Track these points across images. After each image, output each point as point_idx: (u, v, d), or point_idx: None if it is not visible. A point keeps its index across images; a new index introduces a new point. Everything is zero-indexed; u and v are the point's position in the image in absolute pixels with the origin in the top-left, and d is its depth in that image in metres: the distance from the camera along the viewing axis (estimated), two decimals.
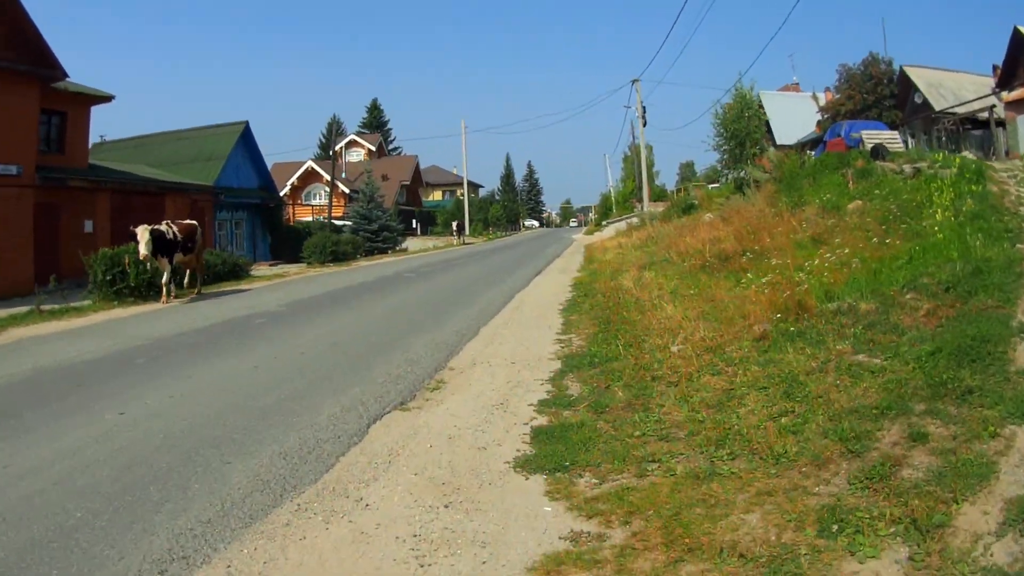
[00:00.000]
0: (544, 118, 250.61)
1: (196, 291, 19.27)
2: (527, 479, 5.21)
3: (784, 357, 6.62)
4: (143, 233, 16.29)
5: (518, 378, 8.09)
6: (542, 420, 6.47)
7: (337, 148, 66.12)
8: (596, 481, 5.04)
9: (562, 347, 9.63)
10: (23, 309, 15.69)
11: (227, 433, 6.57)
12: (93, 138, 31.45)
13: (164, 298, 17.32)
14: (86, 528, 4.61)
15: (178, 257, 17.88)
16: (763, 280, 9.28)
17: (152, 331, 12.78)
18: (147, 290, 18.39)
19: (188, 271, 19.35)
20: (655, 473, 5.01)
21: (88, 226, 24.15)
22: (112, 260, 17.85)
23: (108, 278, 17.55)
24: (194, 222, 19.38)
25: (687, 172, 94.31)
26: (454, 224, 60.89)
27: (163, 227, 17.43)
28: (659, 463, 5.16)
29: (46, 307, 15.66)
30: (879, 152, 20.31)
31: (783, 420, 5.39)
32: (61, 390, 8.41)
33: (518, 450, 5.75)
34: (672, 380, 6.80)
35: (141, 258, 16.46)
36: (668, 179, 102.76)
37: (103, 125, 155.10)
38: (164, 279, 17.41)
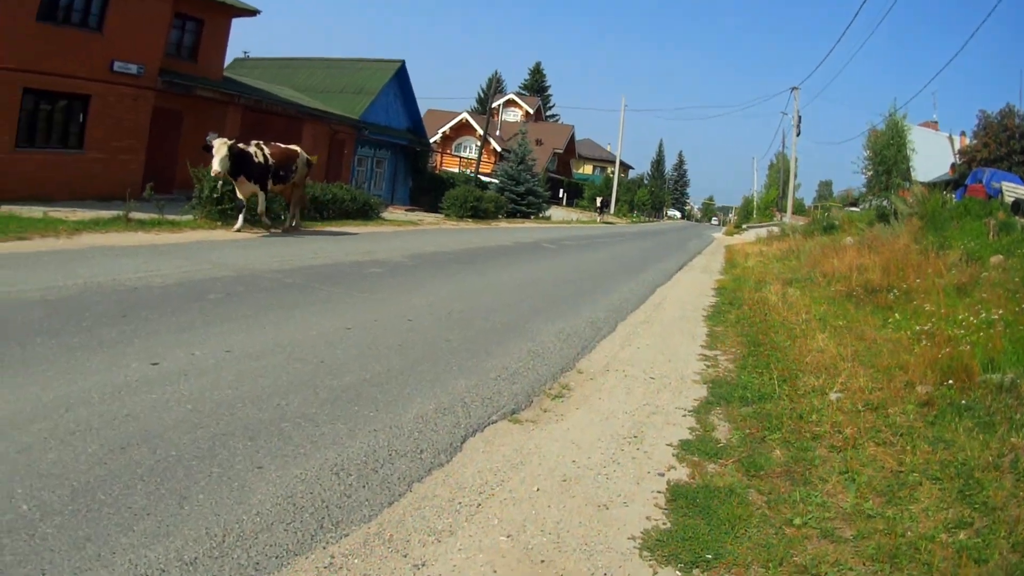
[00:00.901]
0: (701, 110, 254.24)
1: (287, 226, 18.63)
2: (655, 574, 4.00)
3: (955, 438, 6.17)
4: (220, 147, 15.59)
5: (656, 402, 7.24)
6: (682, 472, 5.44)
7: (494, 105, 70.10)
8: None
9: (708, 366, 8.91)
10: (111, 214, 15.54)
11: (276, 418, 5.38)
12: (236, 52, 32.27)
13: (237, 226, 16.70)
14: None
15: (268, 184, 17.15)
16: (916, 328, 9.30)
17: (242, 262, 12.27)
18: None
19: (293, 204, 18.76)
20: None
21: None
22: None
23: (215, 195, 17.17)
24: (295, 148, 18.57)
25: (824, 191, 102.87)
26: (598, 200, 63.76)
27: (251, 147, 16.71)
28: None
29: (137, 215, 15.44)
30: (1020, 207, 20.93)
31: (961, 536, 4.67)
32: (98, 318, 7.47)
33: (649, 517, 4.63)
34: (835, 443, 6.10)
35: (212, 175, 15.90)
36: (806, 194, 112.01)
37: (245, 40, 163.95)
38: (243, 204, 16.80)
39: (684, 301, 14.49)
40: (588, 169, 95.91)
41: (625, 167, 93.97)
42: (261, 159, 16.57)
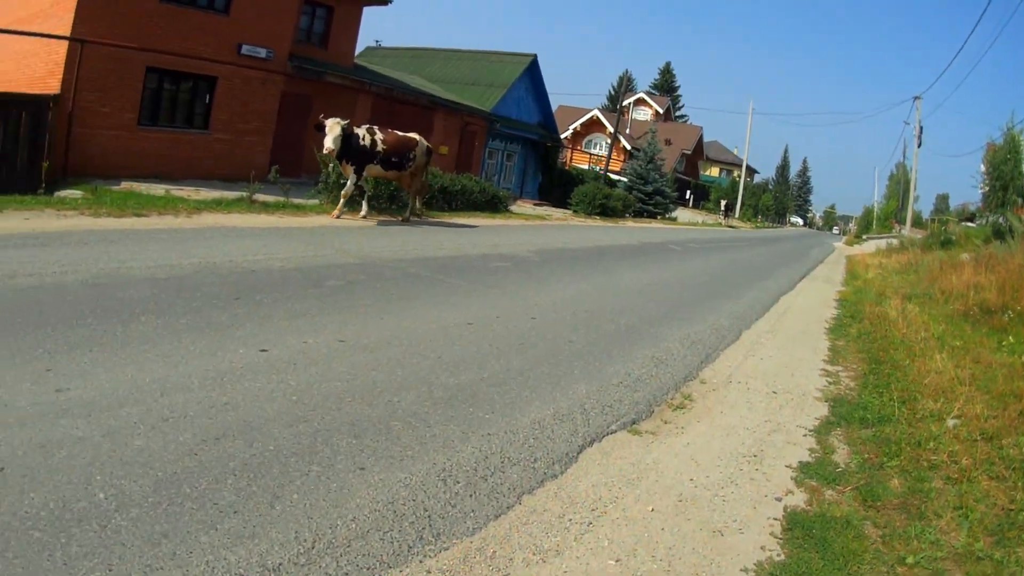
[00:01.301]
0: (825, 116, 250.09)
1: (407, 216, 18.53)
2: None
3: None
4: (333, 126, 15.48)
5: (778, 418, 7.14)
6: (800, 498, 5.31)
7: (624, 104, 71.73)
8: None
9: (829, 383, 8.82)
10: (235, 195, 15.88)
11: (385, 416, 5.17)
12: (367, 40, 32.94)
13: (336, 211, 16.55)
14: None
15: (375, 170, 17.04)
16: None
17: (364, 249, 12.30)
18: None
19: (411, 192, 18.67)
20: None
21: None
22: None
23: (342, 181, 17.19)
24: (414, 136, 18.36)
25: (941, 204, 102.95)
26: (723, 203, 64.95)
27: (362, 130, 16.61)
28: None
29: (261, 198, 15.72)
30: None
31: None
32: (209, 299, 7.44)
33: (763, 547, 4.47)
34: (951, 474, 5.97)
35: (325, 151, 15.75)
36: (924, 206, 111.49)
37: (377, 29, 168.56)
38: (345, 189, 16.66)
39: (807, 312, 14.60)
40: (715, 171, 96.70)
41: (751, 171, 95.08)
42: (367, 143, 16.48)
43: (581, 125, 71.60)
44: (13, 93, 16.35)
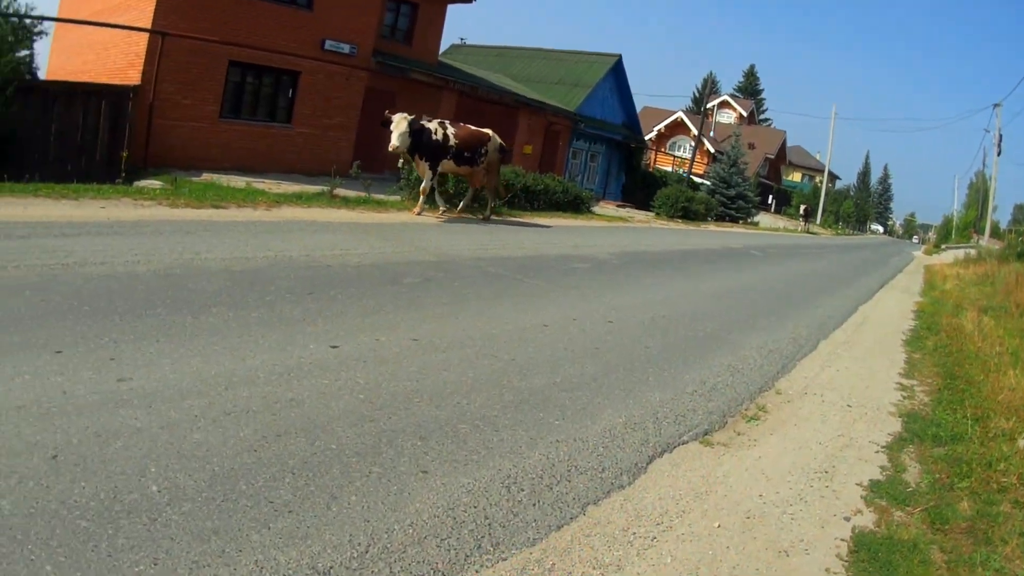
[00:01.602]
0: (905, 122, 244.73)
1: (485, 215, 18.42)
2: None
3: None
4: (400, 122, 15.30)
5: (851, 433, 7.07)
6: (868, 519, 5.20)
7: (708, 106, 71.27)
8: None
9: (904, 397, 8.79)
10: (316, 189, 16.06)
11: (453, 418, 5.11)
12: (452, 38, 33.46)
13: (417, 208, 16.49)
14: None
15: (447, 165, 16.82)
16: None
17: (443, 247, 12.29)
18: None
19: (478, 189, 18.48)
20: None
21: None
22: None
23: (412, 177, 17.27)
24: (487, 131, 18.05)
25: (1019, 215, 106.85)
26: (802, 208, 64.75)
27: (434, 124, 16.41)
28: None
29: (342, 192, 15.85)
30: None
31: None
32: (282, 293, 7.47)
33: (828, 570, 4.38)
34: (1019, 498, 5.92)
35: (390, 149, 15.57)
36: (1002, 216, 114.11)
37: (461, 27, 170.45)
38: (423, 185, 16.55)
39: (885, 322, 14.50)
40: (797, 176, 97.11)
41: (833, 177, 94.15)
42: (440, 137, 16.28)
43: (665, 127, 72.53)
44: (93, 83, 16.87)
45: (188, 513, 3.34)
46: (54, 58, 24.03)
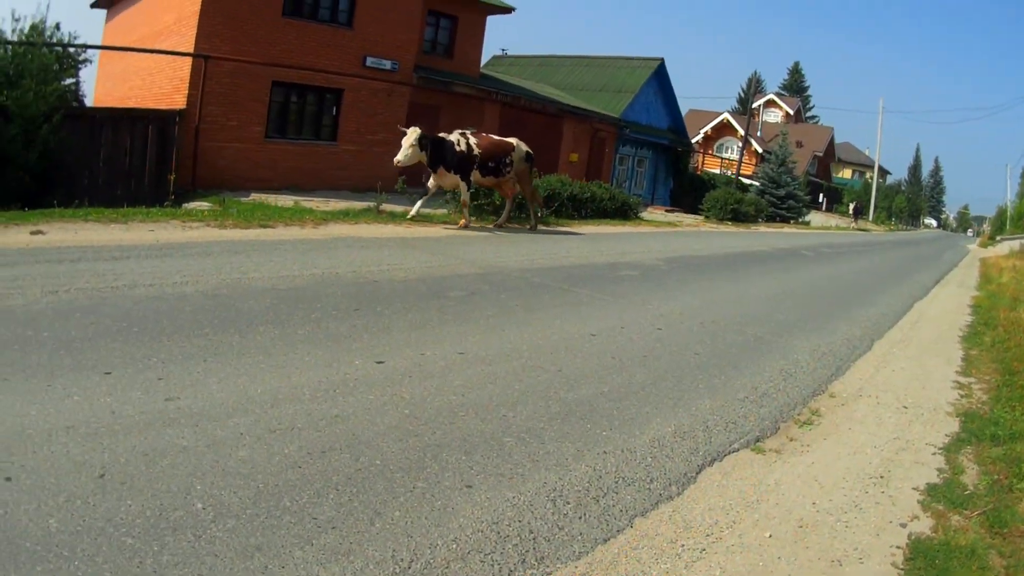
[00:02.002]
0: (953, 112, 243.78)
1: (531, 225, 18.35)
2: None
3: None
4: (410, 135, 15.18)
5: (907, 435, 6.90)
6: (924, 524, 5.06)
7: (754, 106, 72.85)
8: None
9: (961, 396, 8.58)
10: (362, 205, 16.27)
11: (499, 431, 5.11)
12: (493, 50, 33.70)
13: (463, 220, 16.51)
14: None
15: (474, 176, 16.66)
16: None
17: (489, 259, 12.36)
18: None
19: (515, 199, 18.36)
20: None
21: None
22: None
23: (470, 191, 17.20)
24: (511, 140, 17.78)
25: None
26: (852, 205, 65.12)
27: (455, 135, 16.34)
28: None
29: (388, 208, 16.02)
30: None
31: None
32: (328, 310, 7.54)
33: None
34: None
35: (395, 164, 15.30)
36: None
37: (503, 38, 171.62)
38: (463, 198, 16.57)
39: (940, 319, 14.37)
40: (847, 173, 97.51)
41: (883, 172, 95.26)
42: (464, 148, 16.18)
43: (711, 129, 72.89)
44: (139, 109, 17.28)
45: (232, 530, 3.39)
46: (100, 85, 24.72)
